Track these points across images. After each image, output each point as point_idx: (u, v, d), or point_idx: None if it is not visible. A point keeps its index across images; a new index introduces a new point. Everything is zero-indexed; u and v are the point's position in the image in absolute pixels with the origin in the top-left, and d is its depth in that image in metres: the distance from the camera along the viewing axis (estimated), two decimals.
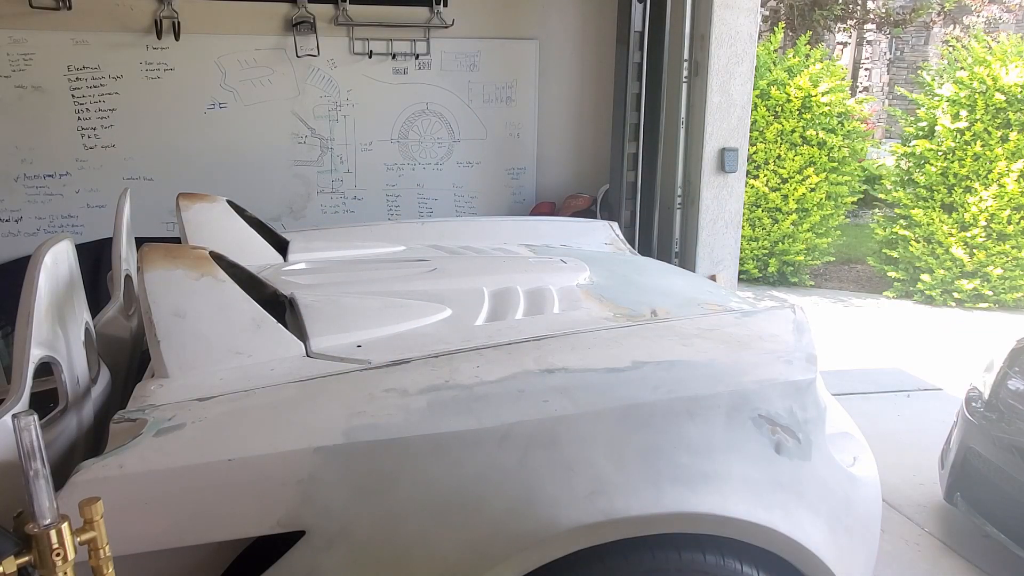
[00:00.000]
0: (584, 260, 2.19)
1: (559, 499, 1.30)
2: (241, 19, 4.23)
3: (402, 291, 1.87)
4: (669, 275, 2.39)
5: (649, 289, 2.07)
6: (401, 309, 1.72)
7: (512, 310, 1.78)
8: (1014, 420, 2.71)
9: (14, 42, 3.97)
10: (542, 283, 1.96)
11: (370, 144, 4.58)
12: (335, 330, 1.58)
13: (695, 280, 2.37)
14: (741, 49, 4.16)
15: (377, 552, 1.27)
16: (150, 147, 4.26)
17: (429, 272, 2.06)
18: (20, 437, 0.91)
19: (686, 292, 2.09)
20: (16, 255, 4.06)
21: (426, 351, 1.51)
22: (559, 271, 2.07)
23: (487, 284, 1.92)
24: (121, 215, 2.13)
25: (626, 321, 1.70)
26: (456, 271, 2.09)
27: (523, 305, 1.81)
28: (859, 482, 1.58)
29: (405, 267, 2.15)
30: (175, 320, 1.43)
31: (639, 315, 1.76)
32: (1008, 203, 6.49)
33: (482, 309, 1.77)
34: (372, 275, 2.08)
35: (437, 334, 1.61)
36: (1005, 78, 6.51)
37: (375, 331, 1.60)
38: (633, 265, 2.41)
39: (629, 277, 2.18)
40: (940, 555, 2.90)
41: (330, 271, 2.14)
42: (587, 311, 1.78)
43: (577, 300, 1.86)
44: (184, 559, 1.25)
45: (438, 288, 1.90)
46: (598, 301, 1.86)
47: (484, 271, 2.08)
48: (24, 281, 1.36)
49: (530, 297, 1.86)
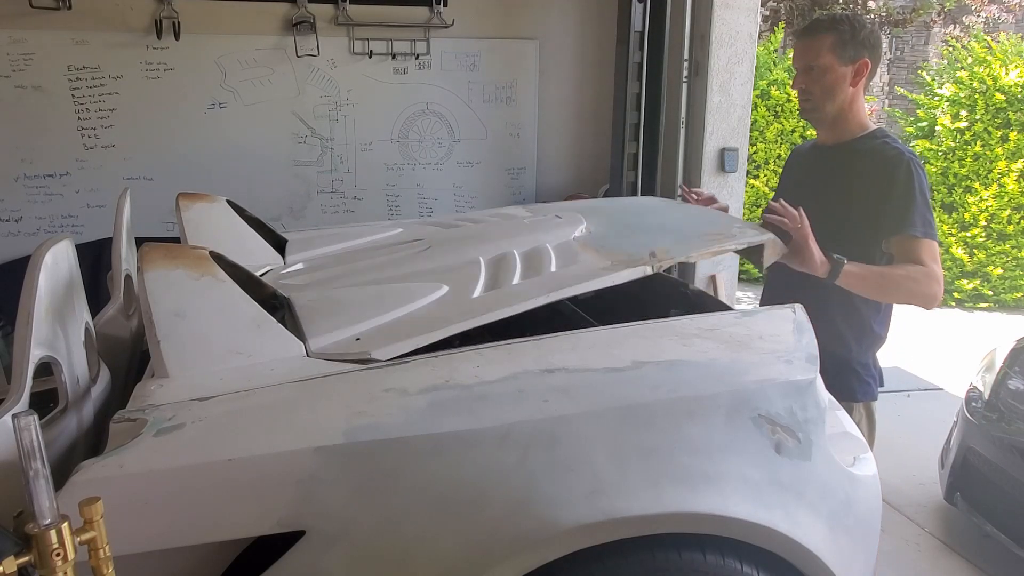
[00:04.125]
0: (581, 211, 2.15)
1: (559, 499, 1.30)
2: (241, 19, 4.23)
3: (398, 275, 1.85)
4: (669, 212, 2.34)
5: (648, 230, 2.03)
6: (397, 295, 1.70)
7: (509, 276, 1.75)
8: (1014, 420, 2.72)
9: (14, 42, 3.97)
10: (538, 243, 1.92)
11: (370, 144, 4.58)
12: (331, 327, 1.57)
13: (696, 213, 2.33)
14: (741, 49, 4.16)
15: (377, 552, 1.27)
16: (150, 147, 4.26)
17: (424, 251, 2.03)
18: (20, 437, 0.91)
19: (686, 227, 2.05)
20: (16, 255, 4.05)
21: (425, 333, 1.49)
22: (555, 227, 2.03)
23: (483, 253, 1.89)
24: (121, 215, 2.13)
25: (625, 268, 1.67)
26: (452, 245, 2.05)
27: (520, 269, 1.78)
28: (859, 482, 1.58)
29: (400, 250, 2.11)
30: (175, 320, 1.43)
31: (638, 259, 1.73)
32: (1008, 203, 6.49)
33: (479, 280, 1.75)
34: (367, 263, 2.04)
35: (435, 314, 1.59)
36: (1005, 78, 6.51)
37: (372, 321, 1.58)
38: (632, 208, 2.35)
39: (627, 221, 2.14)
40: (940, 555, 2.90)
41: (325, 267, 2.12)
42: (584, 264, 1.75)
43: (574, 254, 1.83)
44: (184, 559, 1.24)
45: (434, 266, 1.87)
46: (596, 252, 1.83)
47: (480, 240, 2.04)
48: (24, 281, 1.36)
49: (527, 259, 1.83)
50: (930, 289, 1.89)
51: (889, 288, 1.91)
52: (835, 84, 2.03)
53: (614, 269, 1.68)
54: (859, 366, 2.09)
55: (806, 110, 2.11)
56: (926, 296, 1.90)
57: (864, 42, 2.01)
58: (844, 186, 2.04)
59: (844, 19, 2.03)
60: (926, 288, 1.89)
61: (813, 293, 1.95)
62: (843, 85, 2.03)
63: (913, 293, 1.90)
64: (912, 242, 1.91)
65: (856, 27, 2.02)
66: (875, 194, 1.97)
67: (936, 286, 1.89)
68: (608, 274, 1.68)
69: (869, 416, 2.12)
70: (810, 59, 2.04)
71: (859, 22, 2.04)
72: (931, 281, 1.88)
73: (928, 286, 1.88)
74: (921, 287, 1.88)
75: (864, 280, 1.89)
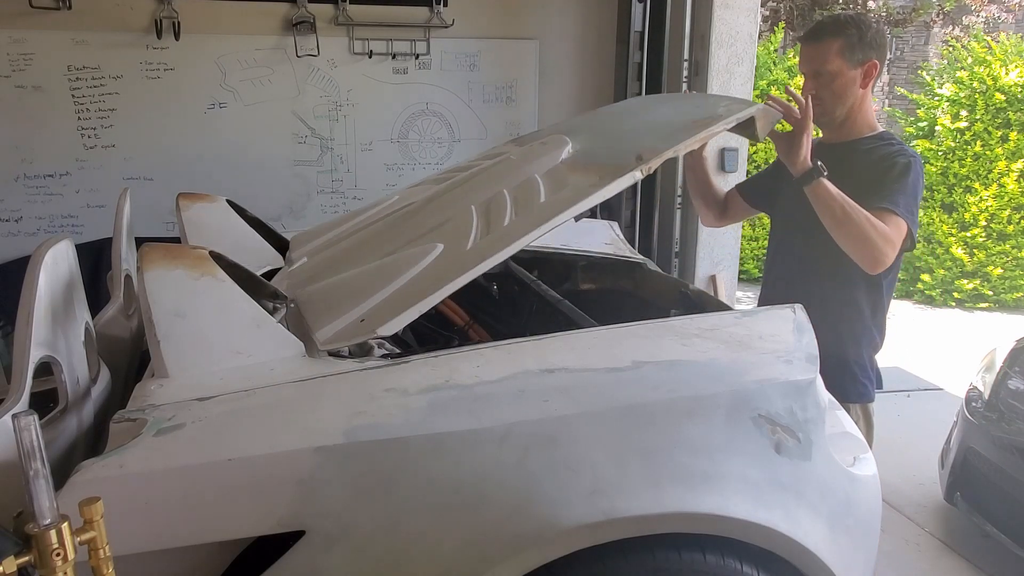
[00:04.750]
0: (565, 131, 2.08)
1: (559, 499, 1.30)
2: (241, 19, 4.23)
3: (395, 245, 1.82)
4: (655, 108, 2.27)
5: (634, 133, 1.96)
6: (394, 265, 1.68)
7: (500, 218, 1.71)
8: (1014, 420, 2.71)
9: (14, 42, 3.96)
10: (527, 175, 1.87)
11: (370, 144, 4.58)
12: (335, 316, 1.55)
13: (683, 102, 2.26)
14: (741, 49, 4.16)
15: (377, 552, 1.27)
16: (150, 147, 4.25)
17: (416, 212, 1.98)
18: (20, 437, 0.91)
19: (672, 119, 1.97)
20: (16, 255, 4.05)
21: (426, 298, 1.48)
22: (541, 155, 1.97)
23: (474, 201, 1.85)
24: (121, 215, 2.13)
25: (613, 179, 1.62)
26: (444, 200, 2.00)
27: (510, 208, 1.74)
28: (859, 482, 1.58)
29: (393, 218, 2.07)
30: (175, 320, 1.43)
31: (625, 166, 1.66)
32: (1008, 203, 6.49)
33: (472, 230, 1.71)
34: (363, 241, 2.01)
35: (433, 275, 1.58)
36: (1005, 78, 6.51)
37: (374, 299, 1.57)
38: (616, 113, 2.24)
39: (612, 130, 2.07)
40: (940, 555, 2.90)
41: (324, 254, 2.09)
42: (574, 186, 1.70)
43: (562, 178, 1.78)
44: (184, 559, 1.24)
45: (428, 225, 1.84)
46: (584, 170, 1.78)
47: (470, 189, 2.00)
48: (24, 281, 1.36)
49: (516, 197, 1.79)
50: (882, 248, 1.85)
51: (849, 222, 1.86)
52: (845, 88, 2.02)
53: (603, 183, 1.62)
54: (856, 367, 2.09)
55: (816, 115, 2.10)
56: (875, 250, 1.86)
57: (871, 43, 2.00)
58: (846, 182, 2.04)
59: (850, 21, 2.02)
60: (880, 243, 1.85)
61: (810, 291, 1.95)
62: (853, 88, 2.03)
63: (867, 240, 1.85)
64: (887, 214, 1.89)
65: (863, 29, 2.00)
66: (870, 179, 1.97)
67: (888, 250, 1.86)
68: (598, 190, 1.61)
69: (867, 418, 2.12)
70: (818, 65, 2.02)
71: (864, 23, 2.02)
72: (886, 242, 1.86)
73: (883, 243, 1.85)
74: (876, 239, 1.85)
75: (832, 200, 1.86)
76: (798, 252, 2.14)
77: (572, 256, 2.45)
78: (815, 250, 2.03)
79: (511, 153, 2.18)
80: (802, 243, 2.10)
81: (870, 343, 2.11)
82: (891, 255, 1.89)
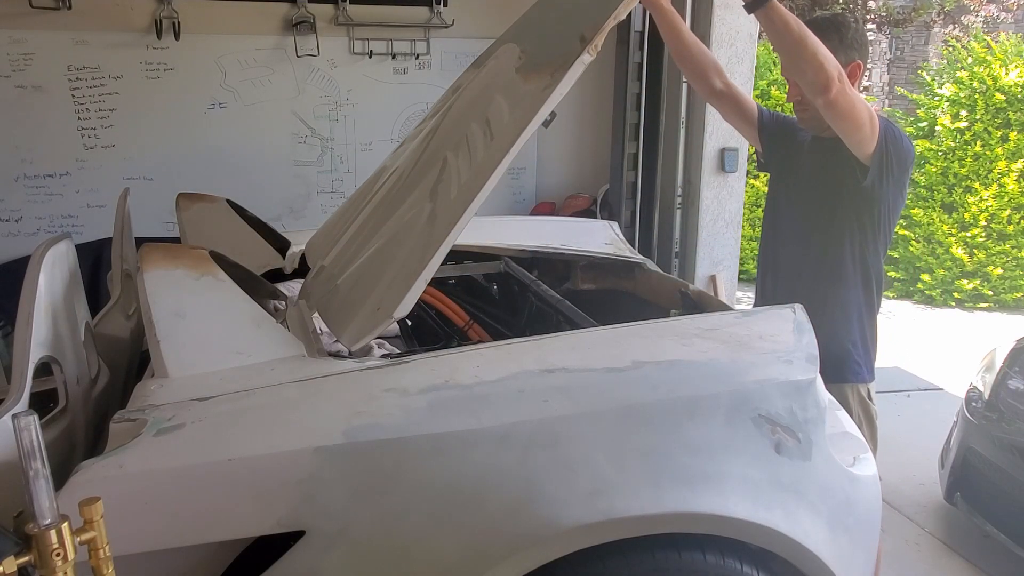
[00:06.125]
0: (512, 38, 1.99)
1: (559, 499, 1.30)
2: (241, 19, 4.23)
3: (387, 222, 1.79)
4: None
5: (575, 15, 1.82)
6: (391, 243, 1.66)
7: (470, 154, 1.66)
8: (1014, 420, 2.72)
9: (14, 42, 3.96)
10: (488, 99, 1.80)
11: (370, 144, 4.58)
12: (353, 314, 1.54)
13: None
14: (741, 49, 4.16)
15: (377, 552, 1.27)
16: (150, 147, 4.26)
17: (400, 179, 1.93)
18: (20, 437, 0.91)
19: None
20: (16, 255, 4.05)
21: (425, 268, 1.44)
22: (496, 72, 1.89)
23: (447, 147, 1.79)
24: (121, 215, 2.13)
25: (563, 72, 1.54)
26: (422, 160, 1.94)
27: (481, 139, 1.68)
28: (859, 482, 1.58)
29: (382, 192, 2.02)
30: (175, 320, 1.43)
31: (572, 53, 1.58)
32: (1008, 203, 6.48)
33: (452, 178, 1.66)
34: (358, 227, 1.97)
35: (426, 240, 1.54)
36: (1005, 78, 6.51)
37: (381, 283, 1.55)
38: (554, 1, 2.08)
39: (554, 19, 1.94)
40: (940, 555, 2.90)
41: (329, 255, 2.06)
42: (529, 94, 1.63)
43: (516, 89, 1.70)
44: (184, 559, 1.24)
45: (413, 188, 1.80)
46: (536, 72, 1.68)
47: (442, 137, 1.92)
48: (24, 281, 1.36)
49: (483, 126, 1.72)
50: (829, 71, 1.79)
51: (801, 43, 1.79)
52: None
53: (555, 82, 1.54)
54: (850, 344, 2.07)
55: (804, 119, 2.08)
56: (823, 72, 1.79)
57: (852, 44, 1.98)
58: (830, 171, 2.03)
59: (829, 25, 1.98)
60: (828, 67, 1.79)
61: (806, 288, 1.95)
62: None
63: (816, 60, 1.79)
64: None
65: (843, 31, 1.98)
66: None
67: (835, 75, 1.79)
68: (552, 89, 1.53)
69: (868, 418, 2.11)
70: None
71: (844, 24, 2.00)
72: (832, 67, 1.80)
73: (829, 68, 1.79)
74: (826, 62, 1.79)
75: (785, 22, 1.78)
76: (796, 223, 2.17)
77: (572, 256, 2.45)
78: (808, 221, 2.10)
79: (471, 81, 2.10)
80: (800, 215, 2.14)
81: (860, 318, 2.09)
82: (839, 84, 1.80)
